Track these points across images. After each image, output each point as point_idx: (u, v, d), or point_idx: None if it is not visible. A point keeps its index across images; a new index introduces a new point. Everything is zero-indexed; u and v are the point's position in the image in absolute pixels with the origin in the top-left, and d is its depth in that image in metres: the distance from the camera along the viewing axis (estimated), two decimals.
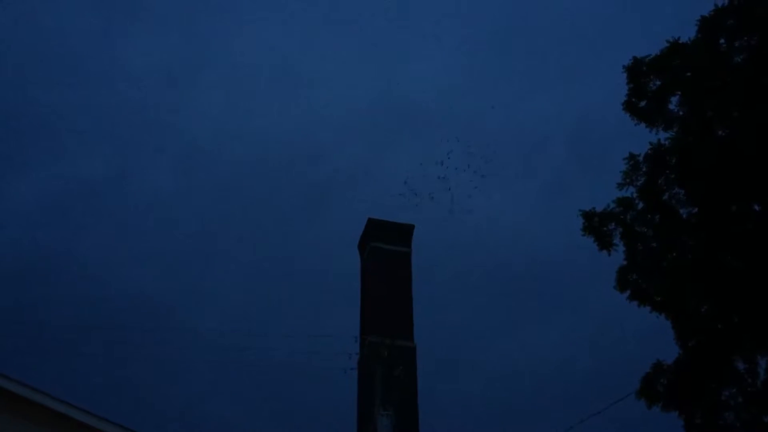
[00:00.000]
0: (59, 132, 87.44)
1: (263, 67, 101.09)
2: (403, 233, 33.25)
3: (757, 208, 13.44)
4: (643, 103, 14.72)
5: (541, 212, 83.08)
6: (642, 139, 14.66)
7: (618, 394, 16.23)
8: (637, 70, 14.61)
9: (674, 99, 14.48)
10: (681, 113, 14.35)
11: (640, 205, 14.52)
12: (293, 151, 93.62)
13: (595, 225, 14.63)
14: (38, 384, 12.57)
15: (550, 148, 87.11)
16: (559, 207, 78.10)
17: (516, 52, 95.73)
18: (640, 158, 14.45)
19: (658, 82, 14.53)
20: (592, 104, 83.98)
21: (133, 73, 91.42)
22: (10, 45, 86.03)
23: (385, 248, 32.48)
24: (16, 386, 12.16)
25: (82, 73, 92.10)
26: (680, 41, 14.20)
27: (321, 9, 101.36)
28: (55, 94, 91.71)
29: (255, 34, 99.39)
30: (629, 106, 14.82)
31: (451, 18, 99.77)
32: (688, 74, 14.09)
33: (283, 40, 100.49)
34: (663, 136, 14.45)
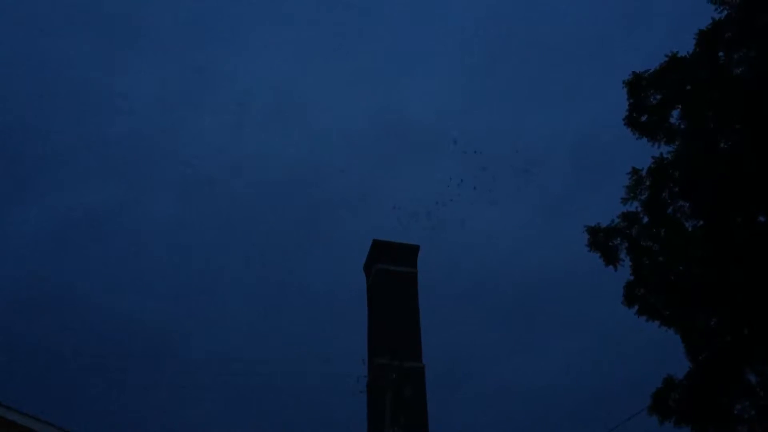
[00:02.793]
0: (63, 162, 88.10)
1: (264, 93, 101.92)
2: (408, 254, 33.19)
3: (762, 219, 13.39)
4: (644, 118, 14.71)
5: (541, 230, 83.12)
6: (643, 154, 14.66)
7: (628, 411, 16.09)
8: (637, 85, 14.61)
9: (675, 113, 14.49)
10: (682, 126, 14.34)
11: (645, 219, 14.47)
12: (296, 175, 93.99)
13: (601, 240, 14.57)
14: (45, 412, 12.59)
15: (550, 166, 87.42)
16: (560, 224, 78.28)
17: (515, 71, 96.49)
18: (643, 172, 14.42)
19: (659, 96, 14.53)
20: (592, 122, 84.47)
21: (134, 102, 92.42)
22: (12, 76, 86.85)
23: (391, 269, 32.40)
24: (9, 413, 12.19)
25: (84, 103, 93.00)
26: (679, 55, 14.22)
27: (320, 34, 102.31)
28: (58, 125, 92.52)
29: (255, 60, 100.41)
30: (630, 121, 14.81)
31: (450, 39, 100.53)
32: (688, 87, 14.09)
33: (283, 66, 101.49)
34: (665, 149, 14.45)
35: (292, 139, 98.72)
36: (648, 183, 14.36)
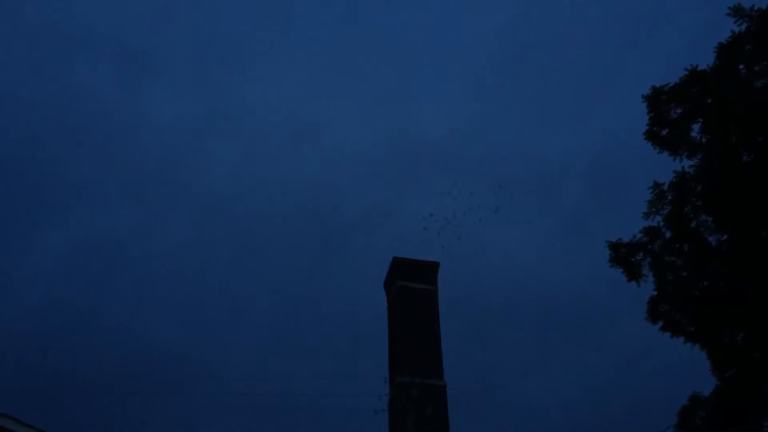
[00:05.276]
0: (82, 188, 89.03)
1: (279, 116, 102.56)
2: (428, 271, 33.08)
3: None
4: (664, 132, 14.60)
5: (558, 246, 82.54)
6: (658, 171, 14.55)
7: (651, 429, 15.85)
8: (656, 99, 14.52)
9: (696, 126, 14.37)
10: (704, 140, 14.22)
11: (668, 234, 14.32)
12: (311, 196, 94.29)
13: (623, 255, 14.44)
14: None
15: (566, 183, 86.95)
16: (577, 242, 77.75)
17: (529, 90, 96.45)
18: (665, 187, 14.30)
19: (679, 110, 14.43)
20: (607, 139, 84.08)
21: (151, 128, 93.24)
22: (33, 103, 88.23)
23: (412, 287, 32.30)
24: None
25: (102, 130, 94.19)
26: (698, 69, 14.14)
27: (333, 56, 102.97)
28: (77, 151, 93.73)
29: (269, 83, 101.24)
30: (651, 135, 14.70)
31: (464, 58, 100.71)
32: (709, 101, 13.99)
33: (297, 89, 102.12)
34: (687, 164, 14.32)
35: (307, 161, 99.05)
36: (670, 197, 14.23)
